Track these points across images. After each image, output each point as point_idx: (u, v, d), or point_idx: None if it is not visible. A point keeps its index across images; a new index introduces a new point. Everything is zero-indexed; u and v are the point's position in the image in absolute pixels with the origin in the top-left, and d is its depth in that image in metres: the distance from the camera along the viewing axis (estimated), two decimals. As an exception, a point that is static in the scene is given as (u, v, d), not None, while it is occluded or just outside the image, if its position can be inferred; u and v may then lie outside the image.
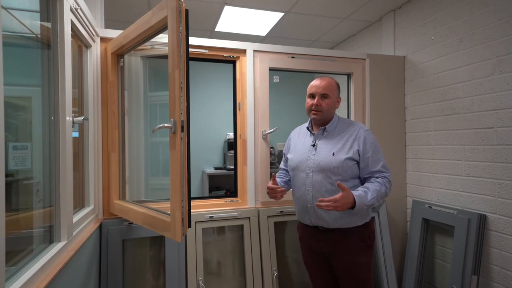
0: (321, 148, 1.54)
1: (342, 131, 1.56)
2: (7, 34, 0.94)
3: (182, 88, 1.23)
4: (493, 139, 1.83)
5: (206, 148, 4.02)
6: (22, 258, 1.02)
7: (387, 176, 1.51)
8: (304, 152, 1.59)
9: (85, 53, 1.67)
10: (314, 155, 1.54)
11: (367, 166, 1.50)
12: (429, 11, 2.24)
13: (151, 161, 2.01)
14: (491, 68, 1.83)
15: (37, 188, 1.21)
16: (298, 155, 1.61)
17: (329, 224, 1.50)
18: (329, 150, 1.52)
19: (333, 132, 1.57)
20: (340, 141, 1.53)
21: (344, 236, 1.50)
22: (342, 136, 1.54)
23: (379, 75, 2.37)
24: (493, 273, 1.83)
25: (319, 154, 1.53)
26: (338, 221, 1.49)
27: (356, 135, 1.52)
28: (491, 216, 1.84)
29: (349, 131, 1.55)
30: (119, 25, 2.81)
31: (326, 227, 1.52)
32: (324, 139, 1.57)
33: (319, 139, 1.58)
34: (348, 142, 1.51)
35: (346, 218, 1.49)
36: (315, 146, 1.56)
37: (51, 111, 1.23)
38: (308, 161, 1.54)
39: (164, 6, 1.30)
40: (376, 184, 1.47)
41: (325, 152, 1.52)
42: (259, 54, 2.11)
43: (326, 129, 1.58)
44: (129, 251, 1.90)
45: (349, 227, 1.50)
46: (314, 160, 1.53)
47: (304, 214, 1.58)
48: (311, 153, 1.55)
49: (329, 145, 1.54)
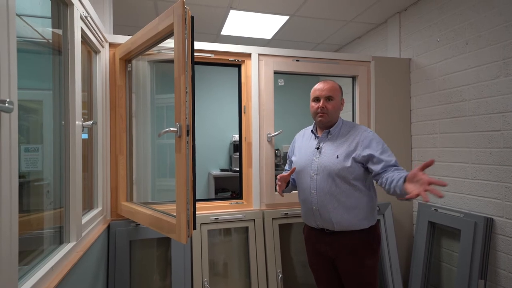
0: (325, 151, 1.56)
1: (346, 133, 1.57)
2: (21, 40, 0.98)
3: (188, 93, 1.26)
4: (500, 142, 1.81)
5: (212, 150, 4.05)
6: (34, 258, 1.05)
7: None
8: (309, 155, 1.60)
9: (94, 59, 1.72)
10: (319, 158, 1.55)
11: (379, 163, 1.43)
12: (435, 13, 2.24)
13: (158, 163, 2.04)
14: (497, 71, 1.82)
15: (48, 189, 1.25)
16: (302, 158, 1.62)
17: (335, 226, 1.50)
18: (333, 152, 1.53)
19: (337, 135, 1.58)
20: (344, 144, 1.53)
21: (350, 239, 1.50)
22: (346, 138, 1.55)
23: (384, 77, 2.37)
24: (500, 277, 1.81)
25: (323, 157, 1.54)
26: (343, 223, 1.49)
27: (360, 137, 1.52)
28: (498, 220, 1.82)
29: (353, 134, 1.55)
30: (127, 29, 2.86)
31: (331, 229, 1.52)
32: (328, 142, 1.58)
33: (323, 142, 1.59)
34: (352, 144, 1.52)
35: (351, 220, 1.49)
36: (320, 149, 1.57)
37: (62, 114, 1.27)
38: (313, 164, 1.56)
39: (170, 13, 1.33)
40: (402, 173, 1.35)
41: (329, 154, 1.53)
42: (264, 58, 2.13)
43: (330, 132, 1.59)
44: (136, 252, 1.94)
45: (355, 229, 1.50)
46: (319, 163, 1.54)
47: (310, 217, 1.59)
48: (315, 156, 1.57)
49: (333, 147, 1.55)
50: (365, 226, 1.51)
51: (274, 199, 2.13)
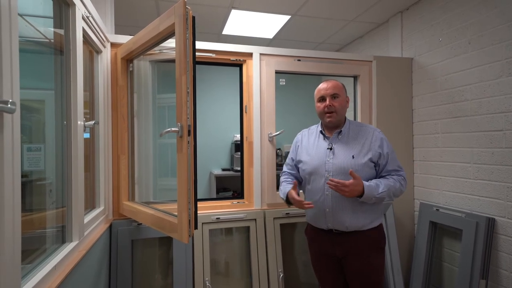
0: (338, 151, 1.53)
1: (357, 133, 1.57)
2: (23, 40, 0.98)
3: (189, 93, 1.26)
4: (502, 142, 1.81)
5: (214, 150, 4.06)
6: (37, 258, 1.06)
7: (402, 174, 1.53)
8: (321, 156, 1.56)
9: (96, 58, 1.72)
10: (332, 159, 1.53)
11: (385, 165, 1.52)
12: (437, 12, 2.23)
13: (159, 163, 2.05)
14: (500, 70, 1.81)
15: (50, 189, 1.25)
16: (314, 160, 1.58)
17: (347, 227, 1.49)
18: (348, 153, 1.52)
19: (348, 135, 1.57)
20: (357, 144, 1.53)
21: (359, 238, 1.50)
22: (358, 139, 1.55)
23: (386, 77, 2.37)
24: (502, 277, 1.80)
25: (337, 158, 1.52)
26: (356, 224, 1.49)
27: (373, 137, 1.53)
28: (500, 220, 1.82)
29: (364, 134, 1.56)
30: (129, 29, 2.87)
31: (342, 230, 1.51)
32: (340, 142, 1.56)
33: (334, 142, 1.57)
34: (366, 145, 1.52)
35: (364, 221, 1.49)
36: (332, 150, 1.55)
37: (64, 114, 1.28)
38: (327, 165, 1.53)
39: (172, 13, 1.33)
40: (390, 180, 1.48)
41: (344, 155, 1.52)
42: (265, 58, 2.13)
43: (341, 131, 1.57)
44: (138, 251, 1.94)
45: (364, 229, 1.50)
46: (334, 164, 1.51)
47: (320, 219, 1.55)
48: (328, 157, 1.54)
49: (347, 148, 1.53)
50: (374, 225, 1.52)
51: (275, 198, 2.13)
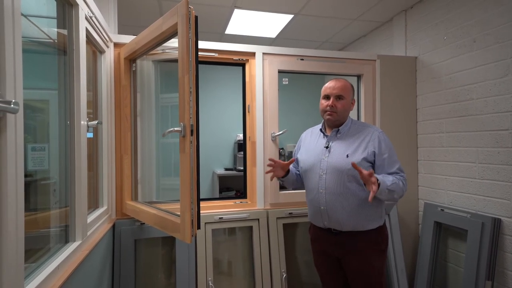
0: (334, 149, 1.53)
1: (356, 133, 1.55)
2: (26, 40, 0.99)
3: (192, 93, 1.26)
4: (508, 141, 1.78)
5: (217, 149, 4.06)
6: (40, 257, 1.06)
7: (403, 175, 1.50)
8: (317, 153, 1.57)
9: (99, 58, 1.72)
10: (328, 157, 1.53)
11: (383, 167, 1.49)
12: (441, 11, 2.21)
13: (162, 163, 2.05)
14: (506, 69, 1.79)
15: (54, 188, 1.26)
16: (310, 157, 1.60)
17: (342, 226, 1.49)
18: (343, 151, 1.51)
19: (347, 134, 1.56)
20: (354, 143, 1.52)
21: (357, 239, 1.49)
22: (356, 137, 1.53)
23: (390, 76, 2.35)
24: (508, 278, 1.78)
25: (332, 156, 1.52)
26: (351, 224, 1.47)
27: (371, 137, 1.51)
28: (506, 220, 1.79)
29: (363, 133, 1.54)
30: (132, 29, 2.87)
31: (339, 229, 1.51)
32: (338, 141, 1.56)
33: (332, 140, 1.57)
34: (362, 144, 1.50)
35: (360, 221, 1.47)
36: (329, 148, 1.55)
37: (67, 114, 1.28)
38: (322, 163, 1.53)
39: (175, 12, 1.33)
40: (393, 177, 1.45)
41: (339, 153, 1.51)
42: (268, 57, 2.13)
43: (339, 130, 1.57)
44: (141, 251, 1.95)
45: (363, 230, 1.48)
46: (328, 162, 1.51)
47: (317, 216, 1.56)
48: (324, 155, 1.54)
49: (343, 146, 1.53)
50: (373, 227, 1.50)
51: (279, 198, 2.12)
